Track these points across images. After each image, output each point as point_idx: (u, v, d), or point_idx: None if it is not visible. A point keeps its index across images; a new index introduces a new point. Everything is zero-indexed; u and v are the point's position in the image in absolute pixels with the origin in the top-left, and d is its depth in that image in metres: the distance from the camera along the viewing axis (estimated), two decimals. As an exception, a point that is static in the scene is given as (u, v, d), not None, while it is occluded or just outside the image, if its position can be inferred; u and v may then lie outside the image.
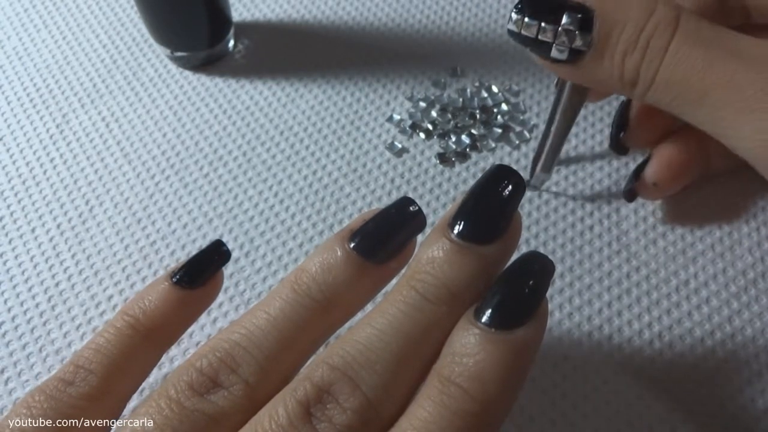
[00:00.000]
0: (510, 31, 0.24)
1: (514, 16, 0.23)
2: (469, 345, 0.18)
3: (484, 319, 0.18)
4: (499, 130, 0.36)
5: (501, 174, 0.20)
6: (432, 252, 0.19)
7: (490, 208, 0.20)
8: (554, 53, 0.23)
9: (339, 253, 0.21)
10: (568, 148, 0.35)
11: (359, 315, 0.21)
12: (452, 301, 0.19)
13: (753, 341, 0.29)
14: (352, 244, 0.21)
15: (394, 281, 0.21)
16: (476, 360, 0.17)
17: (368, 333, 0.19)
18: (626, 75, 0.23)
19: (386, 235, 0.21)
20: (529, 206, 0.33)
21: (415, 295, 0.19)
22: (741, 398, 0.27)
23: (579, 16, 0.22)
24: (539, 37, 0.23)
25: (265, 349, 0.20)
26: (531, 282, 0.19)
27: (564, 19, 0.22)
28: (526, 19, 0.23)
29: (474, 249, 0.19)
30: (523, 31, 0.23)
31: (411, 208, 0.21)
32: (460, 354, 0.18)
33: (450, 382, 0.17)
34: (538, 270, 0.19)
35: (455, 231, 0.19)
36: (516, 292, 0.19)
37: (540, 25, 0.23)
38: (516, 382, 0.18)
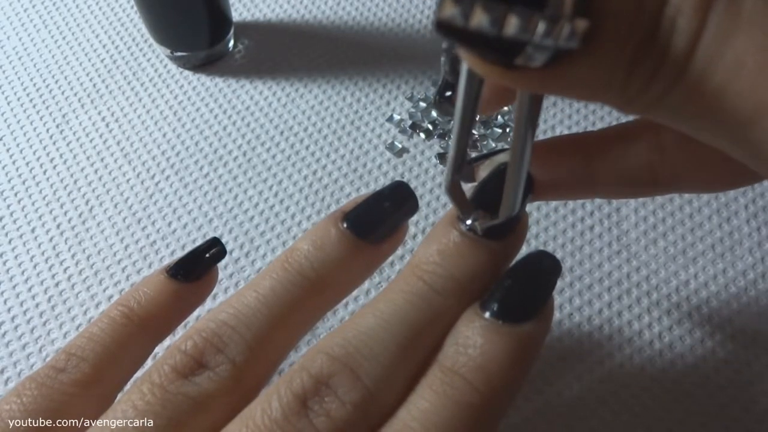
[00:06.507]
0: (441, 24, 0.11)
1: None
2: (474, 336, 0.17)
3: (492, 311, 0.18)
4: (499, 130, 0.36)
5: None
6: (441, 243, 0.19)
7: None
8: (526, 57, 0.12)
9: (332, 231, 0.20)
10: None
11: (354, 309, 0.21)
12: (460, 294, 0.18)
13: (753, 342, 0.29)
14: (345, 224, 0.21)
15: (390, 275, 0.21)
16: (482, 351, 0.17)
17: (371, 322, 0.18)
18: (643, 69, 0.13)
19: (380, 214, 0.21)
20: (529, 206, 0.33)
21: (422, 286, 0.18)
22: (742, 399, 0.27)
23: None
24: (505, 32, 0.11)
25: (254, 328, 0.19)
26: (540, 277, 0.19)
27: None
28: (479, 5, 0.11)
29: (484, 243, 0.19)
30: (471, 23, 0.11)
31: (404, 191, 0.21)
32: (465, 345, 0.17)
33: (453, 372, 0.17)
34: (546, 267, 0.19)
35: (468, 224, 0.19)
36: (525, 286, 0.18)
37: (506, 13, 0.11)
38: (520, 376, 0.18)
